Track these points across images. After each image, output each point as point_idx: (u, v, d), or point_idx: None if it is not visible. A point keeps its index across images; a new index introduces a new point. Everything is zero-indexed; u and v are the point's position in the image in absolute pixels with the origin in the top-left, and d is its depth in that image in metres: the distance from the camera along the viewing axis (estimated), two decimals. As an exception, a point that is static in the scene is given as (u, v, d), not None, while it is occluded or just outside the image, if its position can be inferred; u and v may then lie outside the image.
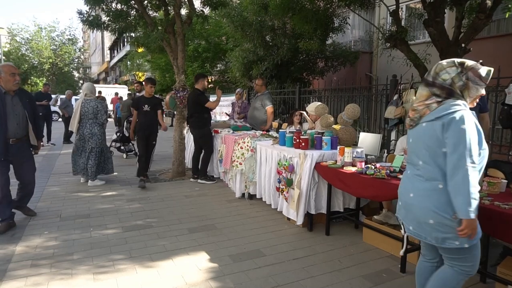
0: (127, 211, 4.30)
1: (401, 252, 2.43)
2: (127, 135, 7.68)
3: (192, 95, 5.72)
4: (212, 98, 10.26)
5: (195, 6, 6.13)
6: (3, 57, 33.14)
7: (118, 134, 8.08)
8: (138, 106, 5.56)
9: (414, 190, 1.92)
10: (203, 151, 5.79)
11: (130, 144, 8.15)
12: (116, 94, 17.45)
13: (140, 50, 13.14)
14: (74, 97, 23.10)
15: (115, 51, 39.01)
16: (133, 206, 4.51)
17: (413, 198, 1.92)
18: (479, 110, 3.55)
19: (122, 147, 8.15)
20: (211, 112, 6.20)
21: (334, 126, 4.14)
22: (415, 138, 1.94)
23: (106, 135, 5.81)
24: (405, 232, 2.07)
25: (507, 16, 6.84)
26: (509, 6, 6.21)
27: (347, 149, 3.43)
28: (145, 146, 5.60)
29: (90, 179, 5.47)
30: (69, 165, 5.78)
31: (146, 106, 5.48)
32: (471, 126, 1.72)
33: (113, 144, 7.99)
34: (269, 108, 5.56)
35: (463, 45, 5.82)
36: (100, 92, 14.94)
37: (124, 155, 8.19)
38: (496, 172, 2.94)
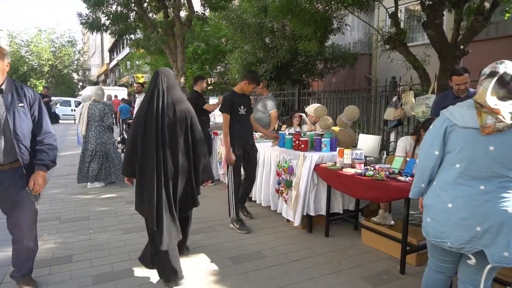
0: (126, 213, 4.30)
1: None
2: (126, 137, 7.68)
3: (190, 97, 5.73)
4: (213, 100, 10.35)
5: (195, 9, 6.15)
6: (3, 59, 33.07)
7: (120, 136, 8.14)
8: (232, 107, 3.80)
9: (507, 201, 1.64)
10: None
11: None
12: (116, 96, 17.43)
13: (139, 51, 13.16)
14: (73, 99, 23.14)
15: (115, 53, 39.05)
16: (132, 208, 4.45)
17: (504, 211, 1.63)
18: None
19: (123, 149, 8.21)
20: (210, 114, 6.20)
21: (334, 128, 4.14)
22: (505, 145, 1.64)
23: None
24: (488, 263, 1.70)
25: (506, 18, 6.87)
26: (508, 8, 6.24)
27: (346, 151, 3.44)
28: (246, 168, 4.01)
29: (89, 181, 5.47)
30: (69, 167, 5.79)
31: (242, 108, 3.87)
32: None
33: (119, 146, 8.07)
34: (273, 112, 5.54)
35: (461, 47, 5.83)
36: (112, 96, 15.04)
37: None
38: None
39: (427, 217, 1.87)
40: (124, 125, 8.12)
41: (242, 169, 3.95)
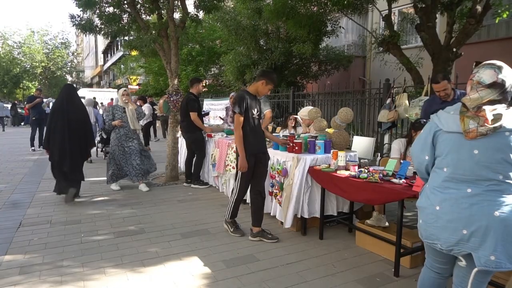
0: (119, 216, 4.25)
1: None
2: (105, 137, 7.95)
3: (185, 99, 5.70)
4: (209, 101, 10.31)
5: (189, 10, 6.12)
6: (-5, 61, 32.87)
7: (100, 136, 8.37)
8: (246, 109, 3.38)
9: (498, 206, 1.62)
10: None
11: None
12: (112, 99, 17.30)
13: (133, 53, 13.07)
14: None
15: (109, 55, 38.84)
16: (125, 211, 4.46)
17: (500, 217, 1.61)
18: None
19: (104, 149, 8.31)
20: (205, 117, 6.19)
21: (328, 130, 4.14)
22: (489, 149, 1.64)
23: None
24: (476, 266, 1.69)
25: (497, 22, 6.94)
26: (499, 11, 6.32)
27: (340, 153, 3.43)
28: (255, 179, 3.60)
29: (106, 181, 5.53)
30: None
31: (255, 111, 3.49)
32: None
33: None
34: (268, 112, 5.52)
35: (454, 49, 5.89)
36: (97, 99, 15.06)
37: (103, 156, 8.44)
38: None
39: (420, 219, 1.91)
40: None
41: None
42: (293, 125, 5.39)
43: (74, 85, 6.06)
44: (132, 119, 5.36)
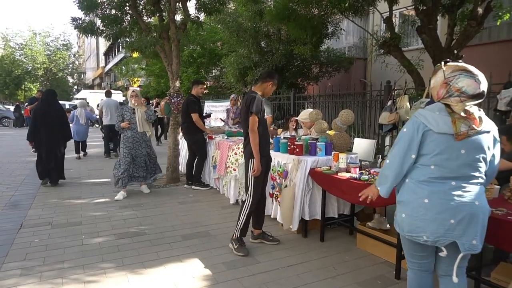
0: (120, 218, 4.25)
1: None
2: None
3: (185, 101, 5.72)
4: (209, 103, 10.32)
5: (190, 12, 6.14)
6: (-3, 62, 32.95)
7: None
8: (261, 108, 3.28)
9: (477, 196, 1.84)
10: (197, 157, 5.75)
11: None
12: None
13: (135, 55, 13.11)
14: (68, 103, 22.97)
15: (110, 57, 38.92)
16: (126, 213, 4.46)
17: (479, 205, 1.83)
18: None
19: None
20: (206, 119, 6.19)
21: (329, 132, 4.14)
22: (472, 149, 1.81)
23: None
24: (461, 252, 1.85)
25: (498, 24, 6.94)
26: (500, 13, 6.32)
27: (341, 155, 3.43)
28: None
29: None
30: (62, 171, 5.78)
31: (265, 113, 3.51)
32: None
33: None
34: (268, 117, 5.52)
35: (455, 51, 5.89)
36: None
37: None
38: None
39: (401, 213, 1.96)
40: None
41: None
42: (294, 127, 5.39)
43: (54, 90, 6.50)
44: (142, 121, 5.16)
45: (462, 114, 1.77)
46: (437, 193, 1.84)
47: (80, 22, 6.05)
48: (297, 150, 3.74)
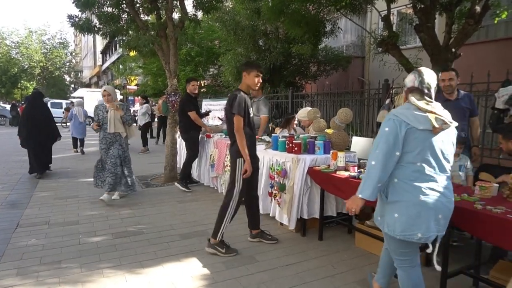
0: (117, 217, 4.23)
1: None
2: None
3: (181, 101, 5.71)
4: (207, 102, 10.28)
5: (188, 10, 6.10)
6: (-7, 61, 32.72)
7: None
8: (245, 109, 3.16)
9: (451, 190, 2.01)
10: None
11: None
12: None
13: (132, 54, 13.03)
14: (65, 101, 22.86)
15: (107, 55, 38.78)
16: (123, 212, 4.43)
17: (453, 200, 2.02)
18: (470, 114, 3.58)
19: None
20: (204, 118, 6.18)
21: (327, 131, 4.13)
22: (446, 142, 1.98)
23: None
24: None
25: (496, 22, 6.95)
26: (498, 12, 6.32)
27: (340, 154, 3.42)
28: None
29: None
30: (60, 169, 5.72)
31: (251, 110, 3.33)
32: None
33: None
34: (264, 117, 5.50)
35: (453, 50, 5.88)
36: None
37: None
38: (488, 176, 2.96)
39: (394, 214, 1.96)
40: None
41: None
42: (294, 126, 5.37)
43: (41, 91, 6.93)
44: (114, 120, 4.73)
45: (429, 108, 1.92)
46: (429, 189, 1.90)
47: (77, 20, 6.00)
48: (296, 148, 3.73)
